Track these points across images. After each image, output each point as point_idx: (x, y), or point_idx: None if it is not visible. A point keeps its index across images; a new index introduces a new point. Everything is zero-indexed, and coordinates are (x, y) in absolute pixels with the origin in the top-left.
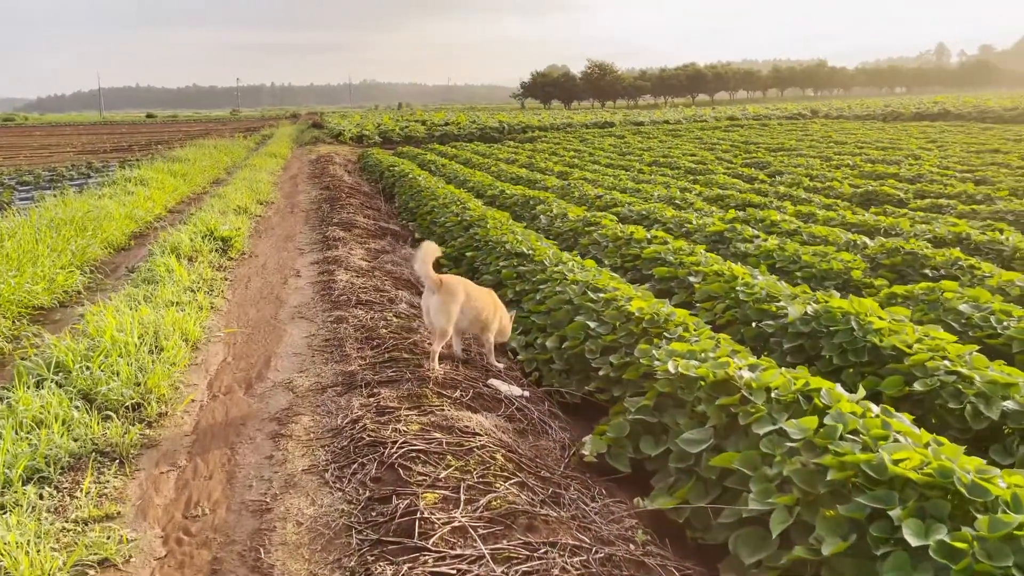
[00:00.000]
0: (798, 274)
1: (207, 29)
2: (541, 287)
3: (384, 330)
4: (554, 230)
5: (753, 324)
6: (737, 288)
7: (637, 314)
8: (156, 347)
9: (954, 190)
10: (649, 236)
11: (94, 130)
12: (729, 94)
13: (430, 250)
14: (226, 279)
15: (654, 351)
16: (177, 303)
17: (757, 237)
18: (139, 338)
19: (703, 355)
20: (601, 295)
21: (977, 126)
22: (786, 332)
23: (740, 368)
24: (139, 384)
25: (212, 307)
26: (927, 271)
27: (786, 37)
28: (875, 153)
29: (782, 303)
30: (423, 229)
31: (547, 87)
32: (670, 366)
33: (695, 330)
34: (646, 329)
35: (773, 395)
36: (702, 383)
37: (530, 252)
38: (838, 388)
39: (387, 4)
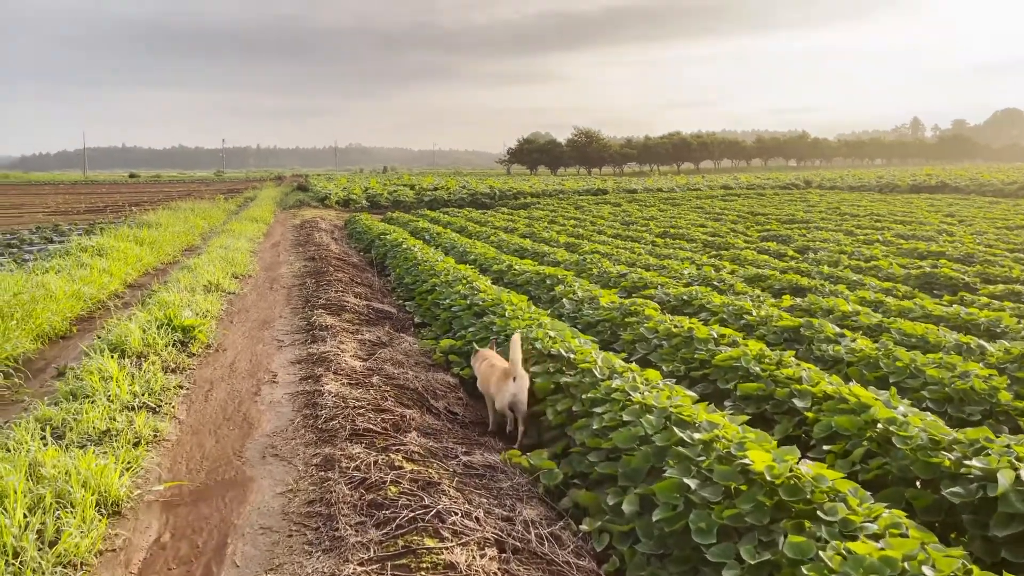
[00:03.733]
0: (924, 393)
1: (195, 92)
2: (596, 410)
3: (393, 488)
4: (583, 319)
5: (918, 484)
6: (879, 424)
7: (766, 475)
8: (53, 527)
9: (1023, 275)
10: (715, 334)
11: (73, 190)
12: (714, 163)
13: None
14: (181, 387)
15: (824, 555)
16: (107, 433)
17: (843, 336)
18: (28, 511)
19: (908, 567)
20: (695, 435)
21: (981, 199)
22: (993, 511)
23: None
24: None
25: (155, 437)
26: None
27: (763, 110)
28: (898, 227)
29: (961, 456)
30: (424, 312)
31: (533, 153)
32: None
33: (863, 507)
34: (785, 502)
35: None
36: None
37: (569, 355)
38: None
39: (373, 73)
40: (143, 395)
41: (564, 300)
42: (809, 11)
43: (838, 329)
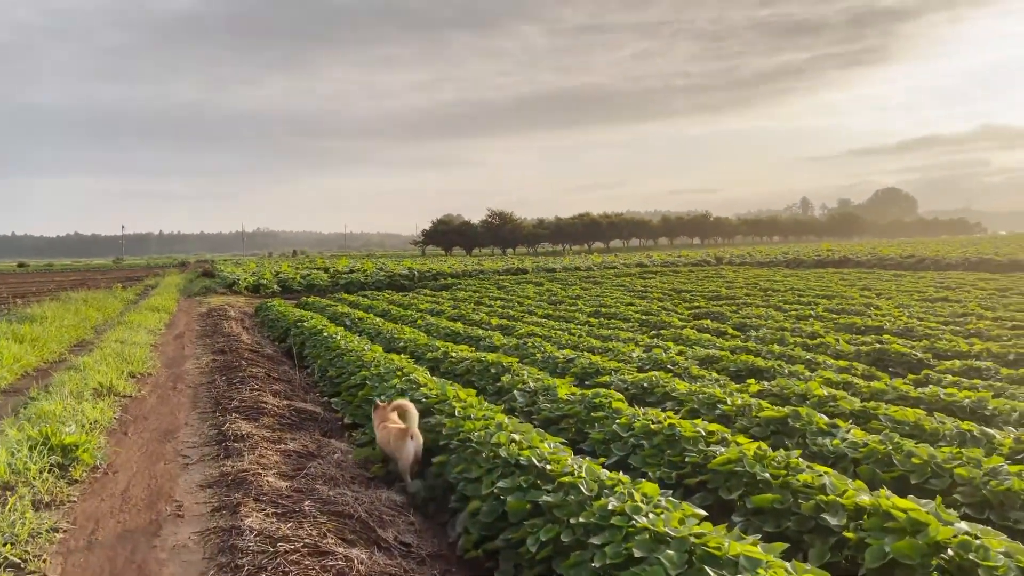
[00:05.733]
0: (956, 496)
1: (91, 177)
2: (593, 540)
3: None
4: (541, 414)
5: None
6: (950, 549)
7: None
8: None
9: (971, 348)
10: (703, 431)
11: None
12: (623, 242)
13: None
14: (56, 530)
15: None
16: None
17: (836, 427)
18: None
19: None
20: None
21: (885, 273)
22: None
23: None
24: None
25: None
26: None
27: (664, 191)
28: (824, 302)
29: None
30: (354, 410)
31: (448, 234)
32: None
33: None
34: None
35: None
36: None
37: (543, 465)
38: None
39: (280, 157)
40: (5, 547)
41: (515, 392)
42: (701, 100)
43: (828, 419)
